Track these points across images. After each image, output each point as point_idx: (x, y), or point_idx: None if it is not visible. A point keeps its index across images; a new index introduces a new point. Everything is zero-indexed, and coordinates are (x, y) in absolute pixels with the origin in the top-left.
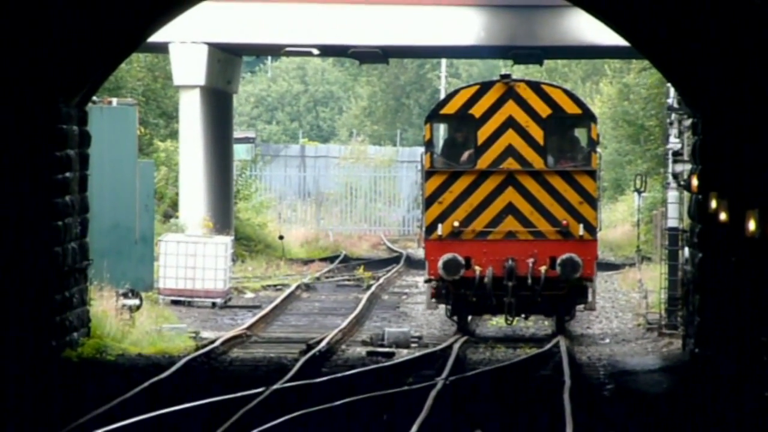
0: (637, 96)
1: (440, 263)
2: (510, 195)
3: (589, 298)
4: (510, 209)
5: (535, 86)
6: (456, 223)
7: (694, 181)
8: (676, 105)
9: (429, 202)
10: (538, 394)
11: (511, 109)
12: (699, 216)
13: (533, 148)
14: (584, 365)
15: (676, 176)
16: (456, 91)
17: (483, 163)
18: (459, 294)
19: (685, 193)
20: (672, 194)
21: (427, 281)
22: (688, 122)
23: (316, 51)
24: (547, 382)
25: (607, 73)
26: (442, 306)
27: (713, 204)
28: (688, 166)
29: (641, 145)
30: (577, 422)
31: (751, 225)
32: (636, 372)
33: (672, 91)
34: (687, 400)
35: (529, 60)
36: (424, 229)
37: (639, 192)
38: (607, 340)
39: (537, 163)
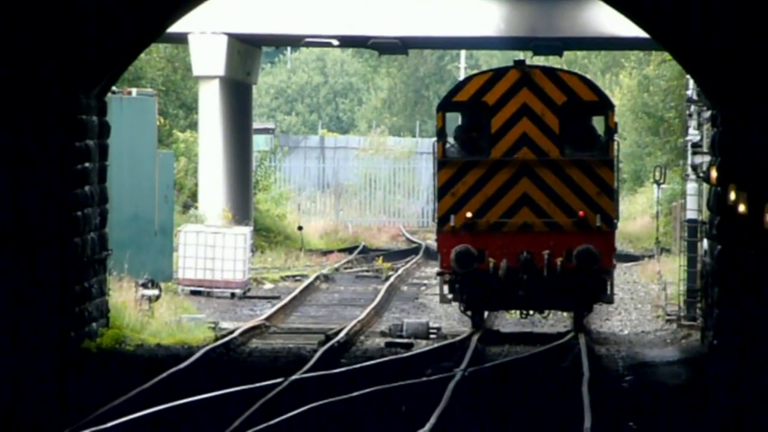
0: (657, 88)
1: (453, 255)
2: (525, 185)
3: (608, 291)
4: (525, 200)
5: (551, 73)
6: (469, 215)
7: (713, 173)
8: (695, 97)
9: (441, 192)
10: (557, 385)
11: (525, 96)
12: (718, 208)
13: (549, 136)
14: (603, 357)
15: (695, 168)
16: (469, 78)
17: (497, 152)
18: (472, 288)
19: (705, 185)
20: (691, 186)
21: (440, 274)
22: (707, 114)
23: (335, 42)
24: (566, 373)
25: (625, 66)
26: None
27: (732, 196)
28: (708, 158)
29: (660, 137)
30: (596, 414)
31: None
32: (655, 364)
33: (691, 83)
34: (706, 392)
35: (549, 51)
36: (436, 220)
37: (658, 184)
38: (626, 332)
39: (553, 152)
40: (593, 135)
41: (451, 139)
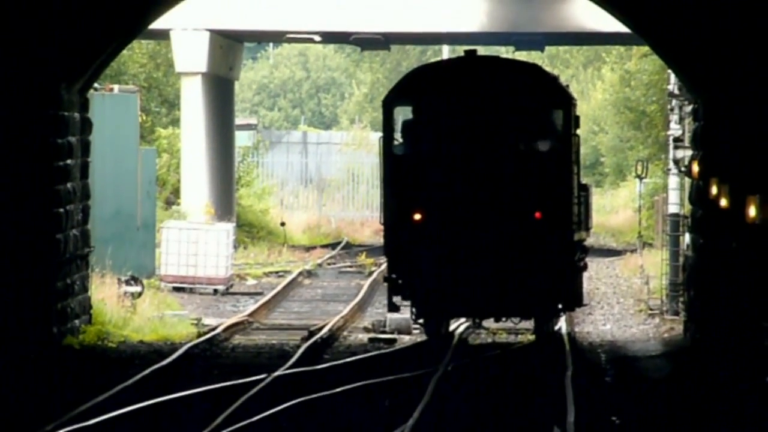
0: (639, 82)
1: (402, 258)
2: (476, 182)
3: (571, 297)
4: (477, 198)
5: (504, 63)
6: (418, 216)
7: (695, 167)
8: (676, 91)
9: (389, 192)
10: (540, 380)
11: (477, 88)
12: (700, 202)
13: (502, 130)
14: (586, 351)
15: (677, 162)
16: (417, 70)
17: (446, 146)
18: (423, 294)
19: (686, 179)
20: (673, 180)
21: (387, 279)
22: (688, 108)
23: (317, 37)
24: (549, 368)
25: (606, 61)
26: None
27: (714, 190)
28: (689, 152)
29: (642, 131)
30: (579, 408)
31: (752, 211)
32: (638, 358)
33: (673, 77)
34: (689, 385)
35: (531, 46)
36: (382, 221)
37: (640, 178)
38: (609, 326)
39: (506, 147)
40: (550, 128)
41: (398, 135)
